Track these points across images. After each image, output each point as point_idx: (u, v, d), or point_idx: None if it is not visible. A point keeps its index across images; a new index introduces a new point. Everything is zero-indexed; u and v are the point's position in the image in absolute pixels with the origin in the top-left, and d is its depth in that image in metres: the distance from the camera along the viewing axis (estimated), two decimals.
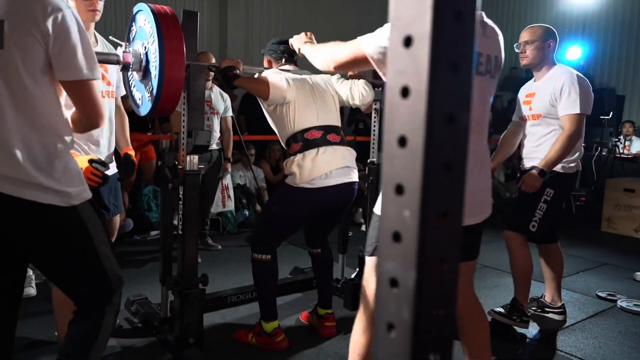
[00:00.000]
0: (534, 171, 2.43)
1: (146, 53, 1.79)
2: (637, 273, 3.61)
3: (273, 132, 2.33)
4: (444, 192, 0.54)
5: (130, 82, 2.03)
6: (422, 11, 0.51)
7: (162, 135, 4.39)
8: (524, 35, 2.52)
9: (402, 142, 0.53)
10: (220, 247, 4.08)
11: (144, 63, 1.80)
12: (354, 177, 2.29)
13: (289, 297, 3.00)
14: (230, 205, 4.55)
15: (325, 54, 1.64)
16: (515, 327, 2.57)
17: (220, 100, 3.81)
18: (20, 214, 1.28)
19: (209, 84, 3.75)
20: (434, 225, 0.53)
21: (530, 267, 2.56)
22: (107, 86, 2.00)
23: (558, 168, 2.50)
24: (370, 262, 1.73)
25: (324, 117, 2.25)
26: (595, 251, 4.39)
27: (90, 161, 1.66)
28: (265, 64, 2.45)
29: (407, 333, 0.53)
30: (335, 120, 2.32)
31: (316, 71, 2.27)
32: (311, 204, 2.22)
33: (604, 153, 6.74)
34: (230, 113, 3.91)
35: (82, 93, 1.33)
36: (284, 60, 2.35)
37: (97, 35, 2.05)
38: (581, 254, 4.28)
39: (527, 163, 2.59)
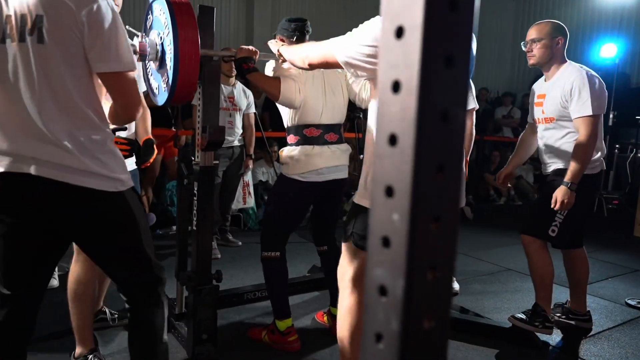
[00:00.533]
0: (563, 187, 2.31)
1: (162, 42, 1.79)
2: None
3: None
4: (436, 195, 0.50)
5: (148, 72, 2.03)
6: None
7: (181, 130, 4.42)
8: (531, 33, 2.43)
9: (393, 140, 0.50)
10: (240, 243, 4.09)
11: (159, 53, 1.80)
12: (344, 174, 2.38)
13: (306, 296, 2.98)
14: (251, 202, 4.56)
15: (301, 54, 1.75)
16: (538, 334, 2.48)
17: (243, 97, 3.81)
18: (72, 200, 1.32)
19: (232, 80, 3.75)
20: (425, 230, 0.49)
21: (550, 271, 2.46)
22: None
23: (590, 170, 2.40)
24: (346, 246, 1.69)
25: (327, 115, 2.27)
26: (627, 257, 4.22)
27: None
28: (278, 44, 2.42)
29: (395, 345, 0.50)
30: (339, 117, 2.33)
31: None
32: (302, 195, 2.28)
33: (639, 155, 6.49)
34: (252, 110, 3.91)
35: (118, 84, 1.35)
36: (295, 38, 2.32)
37: None
38: (611, 259, 4.12)
39: (548, 168, 2.51)
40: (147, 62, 1.92)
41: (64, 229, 1.39)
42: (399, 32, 0.49)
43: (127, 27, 2.00)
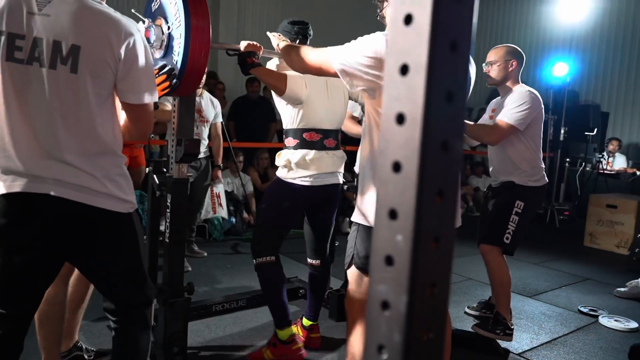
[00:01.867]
0: None
1: (169, 32, 1.74)
2: (618, 289, 3.67)
3: (262, 140, 2.34)
4: (436, 217, 0.54)
5: None
6: (419, 41, 0.52)
7: (152, 140, 4.36)
8: (489, 56, 2.63)
9: (397, 167, 0.54)
10: (205, 254, 4.05)
11: (165, 42, 1.76)
12: (339, 179, 2.37)
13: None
14: (222, 212, 4.51)
15: (297, 54, 1.76)
16: (499, 341, 2.59)
17: (211, 107, 3.78)
18: (88, 220, 1.35)
19: (199, 90, 3.73)
20: (426, 250, 0.54)
21: (508, 279, 2.59)
22: None
23: (526, 182, 2.59)
24: (351, 274, 1.75)
25: (328, 119, 2.24)
26: (578, 266, 4.45)
27: None
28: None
29: (397, 355, 0.54)
30: (338, 122, 2.32)
31: None
32: (298, 200, 2.26)
33: (587, 168, 6.85)
34: (220, 119, 3.89)
35: (140, 114, 1.42)
36: (298, 41, 2.29)
37: None
38: (564, 268, 4.33)
39: (497, 179, 2.69)
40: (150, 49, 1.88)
41: (71, 248, 1.40)
42: (404, 70, 0.53)
43: (132, 10, 1.92)
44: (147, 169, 2.76)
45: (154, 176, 2.13)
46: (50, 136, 1.30)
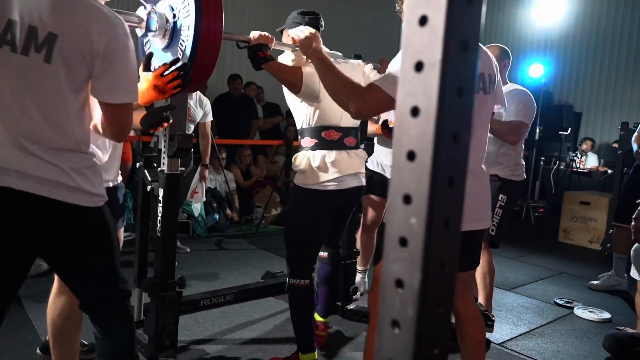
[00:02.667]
0: None
1: (175, 20, 1.62)
2: (592, 282, 3.81)
3: (244, 137, 2.19)
4: (446, 203, 0.59)
5: (146, 48, 1.84)
6: (433, 40, 0.57)
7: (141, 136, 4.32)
8: None
9: (411, 156, 0.58)
10: (189, 249, 4.05)
11: (169, 30, 1.63)
12: (362, 181, 2.18)
13: (261, 302, 3.01)
14: (199, 200, 4.48)
15: (344, 91, 1.56)
16: None
17: (199, 108, 3.74)
18: (55, 215, 1.28)
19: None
20: (437, 232, 0.59)
21: (493, 271, 2.68)
22: None
23: (509, 176, 2.69)
24: (377, 273, 1.76)
25: (347, 116, 1.96)
26: (553, 260, 4.60)
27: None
28: (287, 39, 2.16)
29: (411, 329, 0.59)
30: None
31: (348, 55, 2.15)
32: (325, 207, 2.07)
33: (562, 167, 7.06)
34: (210, 118, 3.86)
35: (119, 114, 1.33)
36: None
37: None
38: (539, 262, 4.48)
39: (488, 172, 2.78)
40: (150, 36, 1.73)
41: (40, 244, 1.33)
42: (419, 67, 0.58)
43: None
44: (136, 164, 2.74)
45: (145, 171, 2.15)
46: (17, 125, 1.23)
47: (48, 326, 1.76)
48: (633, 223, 2.54)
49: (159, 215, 1.97)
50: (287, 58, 2.07)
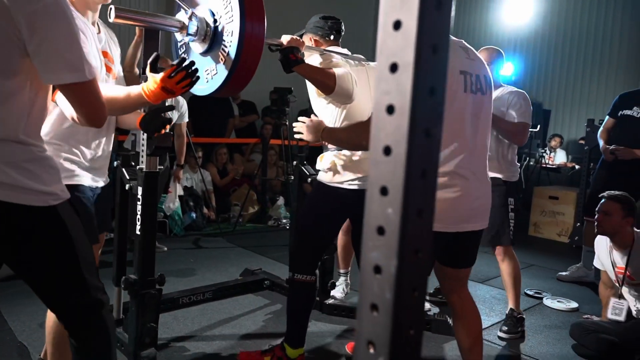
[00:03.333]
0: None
1: (216, 25, 1.59)
2: (560, 273, 3.96)
3: (220, 135, 2.17)
4: (420, 193, 0.64)
5: (181, 52, 1.83)
6: (407, 43, 0.61)
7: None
8: (485, 58, 2.69)
9: (387, 151, 0.63)
10: (166, 248, 4.04)
11: (209, 36, 1.61)
12: None
13: (240, 298, 3.03)
14: (172, 199, 4.46)
15: (359, 138, 1.67)
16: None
17: (175, 109, 3.73)
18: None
19: None
20: (413, 221, 0.63)
21: (520, 274, 2.85)
22: (114, 80, 1.79)
23: (510, 178, 2.80)
24: None
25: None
26: (524, 253, 4.73)
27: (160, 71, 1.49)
28: (308, 43, 2.20)
29: (389, 312, 0.63)
30: None
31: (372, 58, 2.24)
32: (345, 206, 2.07)
33: (531, 163, 7.26)
34: (186, 119, 3.85)
35: (75, 96, 1.19)
36: (332, 37, 2.17)
37: (100, 22, 1.74)
38: None
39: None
40: (187, 41, 1.70)
41: None
42: (393, 68, 0.62)
43: None
44: (114, 163, 2.71)
45: (123, 170, 2.15)
46: None
47: (47, 336, 1.67)
48: (596, 216, 2.66)
49: (138, 213, 1.98)
50: (313, 61, 2.06)
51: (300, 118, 1.96)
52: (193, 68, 1.49)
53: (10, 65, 1.12)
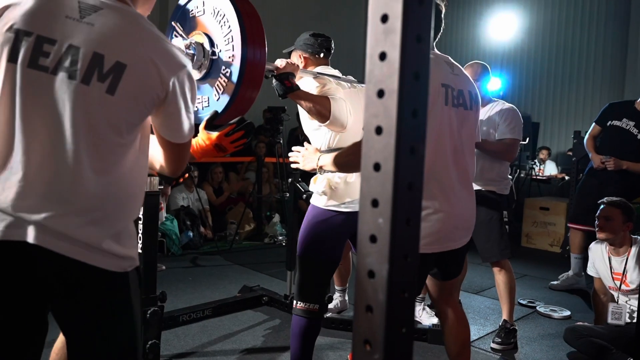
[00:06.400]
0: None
1: (214, 51, 1.55)
2: (552, 282, 4.03)
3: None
4: (408, 204, 0.71)
5: None
6: (391, 72, 0.69)
7: None
8: (471, 74, 2.78)
9: (377, 167, 0.70)
10: (164, 267, 4.07)
11: (207, 64, 1.57)
12: None
13: (239, 314, 3.07)
14: (161, 217, 4.51)
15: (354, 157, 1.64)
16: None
17: None
18: (70, 278, 1.06)
19: None
20: (401, 229, 0.71)
21: (515, 286, 2.91)
22: None
23: (503, 190, 2.87)
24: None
25: None
26: (517, 264, 4.79)
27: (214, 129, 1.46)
28: (298, 61, 2.17)
29: (382, 312, 0.70)
30: None
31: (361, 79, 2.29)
32: (343, 228, 2.01)
33: (522, 175, 7.38)
34: None
35: (175, 152, 1.22)
36: (322, 54, 2.15)
37: None
38: None
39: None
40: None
41: (53, 310, 1.13)
42: (380, 93, 0.70)
43: (173, 23, 1.65)
44: None
45: None
46: (55, 168, 1.05)
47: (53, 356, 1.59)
48: (597, 222, 2.72)
49: (139, 233, 2.04)
50: (307, 84, 2.03)
51: (294, 148, 1.96)
52: (251, 127, 1.49)
53: (143, 121, 1.13)
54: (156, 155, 1.26)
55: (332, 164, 1.77)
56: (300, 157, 1.92)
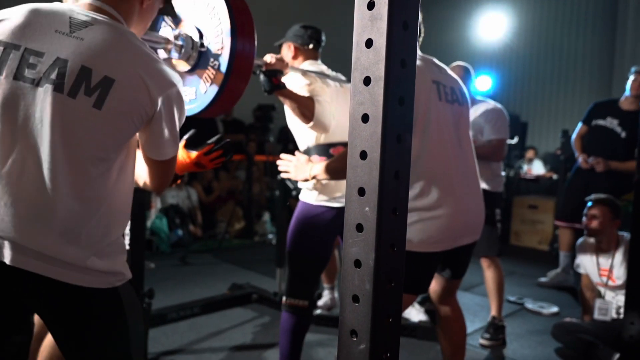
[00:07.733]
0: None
1: (202, 42, 1.53)
2: (541, 279, 4.06)
3: None
4: (394, 193, 0.70)
5: None
6: (378, 59, 0.68)
7: None
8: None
9: (363, 155, 0.70)
10: (153, 265, 4.04)
11: (195, 56, 1.54)
12: None
13: (228, 312, 3.05)
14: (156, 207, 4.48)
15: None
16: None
17: None
18: (47, 296, 1.05)
19: None
20: (388, 218, 0.70)
21: (503, 282, 2.92)
22: None
23: (496, 188, 2.90)
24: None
25: None
26: (506, 261, 4.82)
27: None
28: (288, 52, 2.17)
29: (369, 302, 0.69)
30: None
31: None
32: (333, 224, 2.00)
33: (511, 174, 7.43)
34: None
35: (159, 169, 1.20)
36: (311, 45, 2.14)
37: None
38: None
39: None
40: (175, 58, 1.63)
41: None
42: (367, 81, 0.69)
43: (164, 17, 1.61)
44: None
45: None
46: (40, 188, 1.03)
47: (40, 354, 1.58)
48: (584, 219, 2.75)
49: (127, 229, 2.02)
50: (294, 80, 2.01)
51: (283, 156, 1.92)
52: (229, 146, 1.51)
53: (129, 139, 1.11)
54: (141, 171, 1.25)
55: (324, 172, 1.75)
56: (292, 167, 1.87)
